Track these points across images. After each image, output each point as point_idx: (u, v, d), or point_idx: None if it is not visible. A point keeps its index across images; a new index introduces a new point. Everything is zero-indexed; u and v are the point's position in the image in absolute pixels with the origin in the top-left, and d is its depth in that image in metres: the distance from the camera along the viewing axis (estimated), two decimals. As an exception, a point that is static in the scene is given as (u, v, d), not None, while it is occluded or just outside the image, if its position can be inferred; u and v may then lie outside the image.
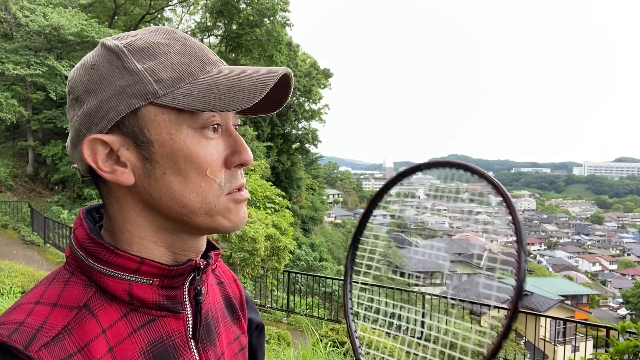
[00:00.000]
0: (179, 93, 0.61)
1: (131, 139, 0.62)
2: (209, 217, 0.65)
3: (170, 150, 0.62)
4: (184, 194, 0.63)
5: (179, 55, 0.63)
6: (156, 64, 0.62)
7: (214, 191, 0.64)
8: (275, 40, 28.06)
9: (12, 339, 0.55)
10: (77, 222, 0.67)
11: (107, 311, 0.63)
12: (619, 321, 5.14)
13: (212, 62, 0.65)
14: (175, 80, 0.62)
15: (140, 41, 0.64)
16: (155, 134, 0.62)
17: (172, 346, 0.66)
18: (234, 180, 0.66)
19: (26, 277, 7.94)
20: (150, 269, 0.64)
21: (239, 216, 0.67)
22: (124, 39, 0.65)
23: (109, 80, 0.62)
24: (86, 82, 0.63)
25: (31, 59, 18.27)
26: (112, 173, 0.63)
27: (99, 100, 0.62)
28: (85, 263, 0.64)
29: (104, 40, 0.65)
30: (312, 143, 37.30)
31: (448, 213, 1.18)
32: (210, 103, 0.60)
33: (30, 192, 22.70)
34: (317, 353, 4.73)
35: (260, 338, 0.90)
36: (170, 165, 0.62)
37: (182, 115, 0.62)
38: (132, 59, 0.62)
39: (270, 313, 10.53)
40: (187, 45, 0.65)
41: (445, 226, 1.56)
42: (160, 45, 0.64)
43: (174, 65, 0.62)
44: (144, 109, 0.61)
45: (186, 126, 0.62)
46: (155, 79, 0.61)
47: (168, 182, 0.63)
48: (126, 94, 0.61)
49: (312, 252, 26.53)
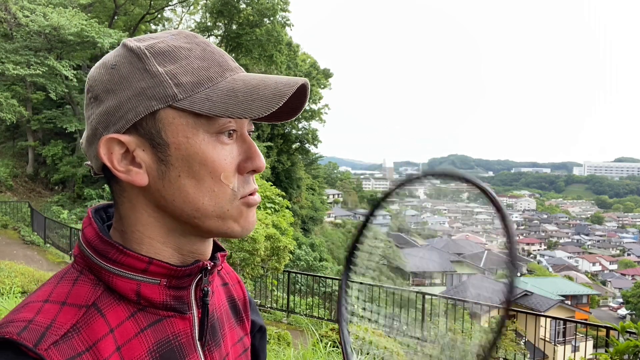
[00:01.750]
0: (198, 98, 0.62)
1: (148, 140, 0.63)
2: (221, 220, 0.66)
3: (186, 153, 0.63)
4: (197, 197, 0.64)
5: (199, 60, 0.64)
6: (177, 67, 0.63)
7: (227, 196, 0.65)
8: (275, 40, 28.04)
9: (21, 337, 0.55)
10: (85, 221, 0.68)
11: (115, 310, 0.63)
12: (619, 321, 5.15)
13: (231, 69, 0.66)
14: (194, 85, 0.62)
15: (162, 44, 0.64)
16: (172, 137, 0.62)
17: (178, 346, 0.67)
18: (246, 186, 0.67)
19: (26, 277, 7.94)
20: (159, 269, 0.65)
21: (249, 220, 0.68)
22: (145, 40, 0.66)
23: (130, 81, 0.62)
24: (106, 81, 0.64)
25: (31, 59, 18.24)
26: (127, 173, 0.63)
27: (118, 101, 0.63)
28: (94, 262, 0.64)
29: (126, 41, 0.66)
30: (312, 143, 37.30)
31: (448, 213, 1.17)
32: (228, 109, 0.61)
33: (30, 192, 22.70)
34: (317, 353, 4.73)
35: (262, 340, 0.91)
36: (185, 169, 0.63)
37: (199, 119, 0.62)
38: (154, 62, 0.63)
39: (270, 313, 10.53)
40: (207, 50, 0.66)
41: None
42: (181, 49, 0.64)
43: (194, 70, 0.63)
44: (163, 112, 0.62)
45: (202, 130, 0.63)
46: (175, 82, 0.62)
47: (182, 184, 0.63)
48: (146, 96, 0.62)
49: (312, 252, 26.53)
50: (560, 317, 10.49)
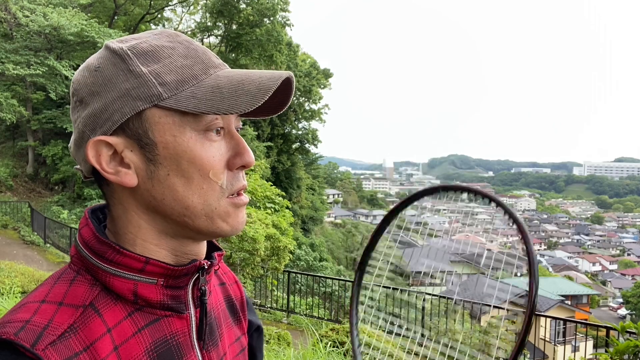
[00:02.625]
0: (183, 96, 0.62)
1: (135, 140, 0.63)
2: (209, 219, 0.66)
3: (174, 152, 0.63)
4: (186, 195, 0.64)
5: (183, 58, 0.64)
6: (160, 67, 0.63)
7: (215, 193, 0.65)
8: (275, 40, 28.06)
9: (19, 337, 0.55)
10: (82, 222, 0.68)
11: (113, 310, 0.63)
12: (619, 321, 5.14)
13: (215, 66, 0.66)
14: (179, 83, 0.62)
15: (145, 44, 0.64)
16: (159, 136, 0.62)
17: (175, 346, 0.67)
18: (235, 182, 0.67)
19: (26, 277, 7.94)
20: (155, 268, 0.65)
21: (238, 220, 0.68)
22: (127, 41, 0.66)
23: (114, 83, 0.62)
24: (90, 84, 0.64)
25: (31, 59, 18.23)
26: (116, 174, 0.63)
27: (104, 103, 0.62)
28: (91, 262, 0.64)
29: (108, 43, 0.66)
30: (312, 143, 37.33)
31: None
32: (214, 106, 0.61)
33: (30, 192, 22.69)
34: (317, 353, 4.73)
35: (259, 340, 0.92)
36: (173, 167, 0.63)
37: (185, 117, 0.62)
38: (137, 62, 0.62)
39: (270, 313, 10.53)
40: (190, 48, 0.66)
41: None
42: (164, 48, 0.64)
43: (178, 68, 0.63)
44: (148, 111, 0.62)
45: (190, 128, 0.63)
46: (159, 81, 0.62)
47: (171, 183, 0.63)
48: (131, 97, 0.61)
49: (312, 252, 26.54)
50: (560, 317, 10.47)
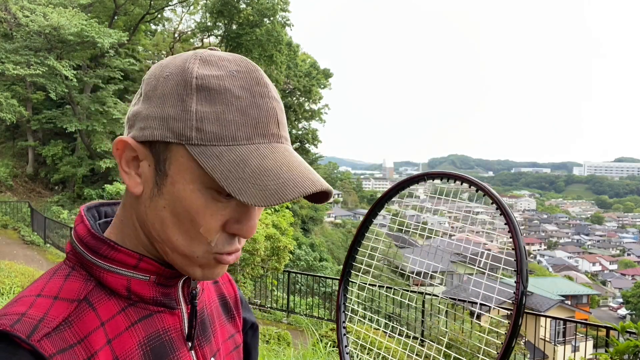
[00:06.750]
0: (210, 151, 0.59)
1: (155, 161, 0.63)
2: (187, 260, 0.65)
3: (177, 193, 0.62)
4: (174, 232, 0.64)
5: (238, 113, 0.60)
6: (210, 111, 0.60)
7: (202, 246, 0.64)
8: (275, 40, 28.04)
9: (14, 329, 0.57)
10: (77, 219, 0.69)
11: (106, 305, 0.64)
12: (619, 321, 5.14)
13: (265, 135, 0.62)
14: (215, 137, 0.60)
15: (215, 81, 0.61)
16: (173, 172, 0.62)
17: (168, 340, 0.68)
18: (227, 245, 0.65)
19: (26, 277, 7.94)
20: (148, 266, 0.66)
21: (214, 273, 0.67)
22: (209, 65, 0.63)
23: (164, 102, 0.61)
24: (152, 86, 0.64)
25: (31, 59, 18.23)
26: (128, 175, 0.65)
27: (148, 113, 0.63)
28: (86, 258, 0.66)
29: (197, 56, 0.64)
30: (312, 143, 37.33)
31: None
32: (228, 178, 0.58)
33: (30, 192, 22.71)
34: (317, 353, 4.73)
35: (254, 337, 0.93)
36: (171, 205, 0.63)
37: (201, 169, 0.60)
38: (193, 96, 0.60)
39: (270, 313, 10.53)
40: (256, 104, 0.62)
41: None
42: (228, 92, 0.61)
43: (225, 121, 0.60)
44: (175, 146, 0.61)
45: (200, 181, 0.61)
46: (198, 126, 0.60)
47: (165, 216, 0.63)
48: (167, 125, 0.61)
49: (312, 252, 26.55)
50: (560, 317, 10.46)
